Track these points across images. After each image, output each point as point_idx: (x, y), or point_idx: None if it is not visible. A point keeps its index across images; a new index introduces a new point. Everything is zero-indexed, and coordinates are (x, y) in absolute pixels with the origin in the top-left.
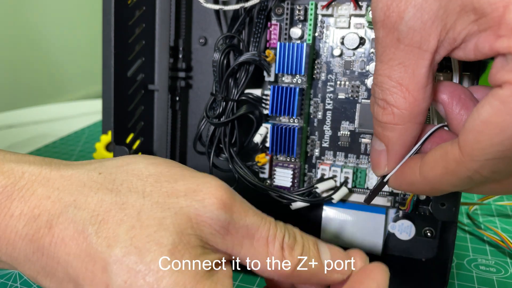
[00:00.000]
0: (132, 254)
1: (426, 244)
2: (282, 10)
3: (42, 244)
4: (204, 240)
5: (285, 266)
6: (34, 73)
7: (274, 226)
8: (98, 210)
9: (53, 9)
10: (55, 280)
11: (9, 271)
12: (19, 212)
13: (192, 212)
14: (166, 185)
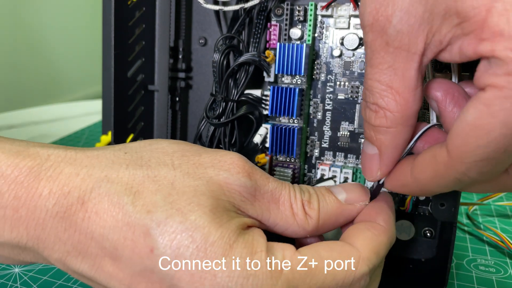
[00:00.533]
0: (175, 215)
1: (425, 244)
2: (282, 10)
3: (75, 220)
4: (236, 206)
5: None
6: (34, 73)
7: (293, 188)
8: (131, 183)
9: (53, 9)
10: (87, 258)
11: (9, 271)
12: (48, 191)
13: (222, 180)
14: (192, 158)
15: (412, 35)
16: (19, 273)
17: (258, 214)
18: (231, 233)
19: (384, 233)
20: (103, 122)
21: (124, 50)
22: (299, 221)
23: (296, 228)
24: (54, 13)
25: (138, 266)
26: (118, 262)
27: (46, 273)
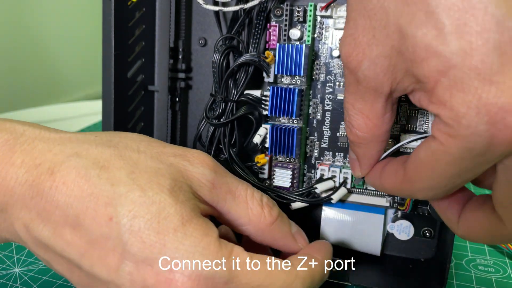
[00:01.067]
0: (136, 190)
1: (425, 244)
2: (281, 11)
3: (42, 188)
4: (194, 190)
5: (264, 216)
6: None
7: (251, 188)
8: (99, 158)
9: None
10: (49, 225)
11: (10, 271)
12: (20, 161)
13: (181, 167)
14: (157, 148)
15: (378, 81)
16: (19, 273)
17: (214, 201)
18: (185, 212)
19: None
20: (103, 123)
21: (124, 50)
22: (253, 214)
23: (248, 220)
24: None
25: (95, 234)
26: (78, 230)
27: (46, 273)
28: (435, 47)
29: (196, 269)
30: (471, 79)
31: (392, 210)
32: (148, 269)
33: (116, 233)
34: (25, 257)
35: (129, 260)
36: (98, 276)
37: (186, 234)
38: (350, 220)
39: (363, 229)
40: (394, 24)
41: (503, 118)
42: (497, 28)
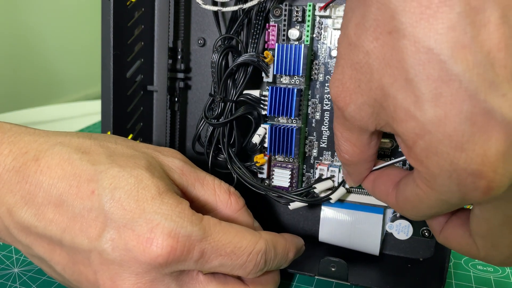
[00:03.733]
0: (115, 167)
1: (423, 243)
2: (280, 11)
3: (28, 173)
4: (166, 172)
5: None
6: (33, 74)
7: (218, 180)
8: (80, 146)
9: (52, 10)
10: (32, 207)
11: (9, 271)
12: (8, 151)
13: (154, 155)
14: (132, 144)
15: (363, 123)
16: (18, 273)
17: (184, 186)
18: (161, 185)
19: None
20: (102, 123)
21: (123, 50)
22: (220, 201)
23: (215, 205)
24: (53, 13)
25: (78, 208)
26: (60, 207)
27: (45, 273)
28: (413, 112)
29: (175, 228)
30: (444, 145)
31: (391, 209)
32: (129, 232)
33: (98, 204)
34: (24, 257)
35: (110, 227)
36: (80, 247)
37: (163, 201)
38: (349, 220)
39: (362, 229)
40: (378, 81)
41: (473, 182)
42: (470, 100)
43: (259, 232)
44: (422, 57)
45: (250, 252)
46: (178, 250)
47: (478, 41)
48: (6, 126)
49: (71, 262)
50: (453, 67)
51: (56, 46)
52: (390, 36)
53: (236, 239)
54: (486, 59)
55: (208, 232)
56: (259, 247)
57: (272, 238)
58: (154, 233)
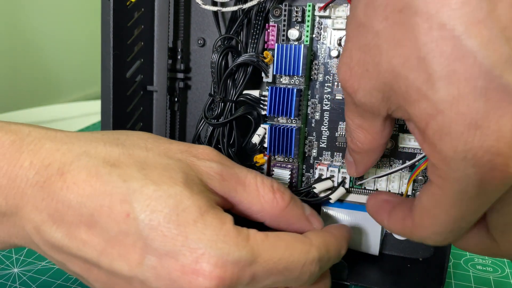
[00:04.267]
0: (149, 184)
1: (423, 243)
2: (280, 11)
3: (53, 189)
4: (204, 183)
5: (276, 202)
6: (33, 74)
7: (260, 176)
8: (108, 157)
9: (52, 10)
10: (62, 226)
11: (9, 271)
12: (28, 163)
13: (189, 162)
14: (163, 145)
15: (374, 108)
16: (18, 273)
17: (225, 192)
18: (201, 203)
19: (333, 236)
20: (102, 123)
21: (122, 50)
22: (266, 201)
23: (260, 207)
24: (53, 13)
25: (113, 231)
26: (93, 228)
27: (45, 273)
28: (425, 91)
29: (222, 257)
30: (458, 124)
31: None
32: (172, 262)
33: (134, 229)
34: (24, 257)
35: (151, 255)
36: (119, 273)
37: (205, 224)
38: (348, 220)
39: (362, 229)
40: (387, 63)
41: (489, 160)
42: (485, 76)
43: (309, 238)
44: (435, 34)
45: (303, 264)
46: (227, 279)
47: (494, 16)
48: (25, 130)
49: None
50: (468, 43)
51: (56, 46)
52: (401, 14)
53: (287, 253)
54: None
55: (257, 253)
56: (312, 256)
57: (323, 241)
58: (200, 264)
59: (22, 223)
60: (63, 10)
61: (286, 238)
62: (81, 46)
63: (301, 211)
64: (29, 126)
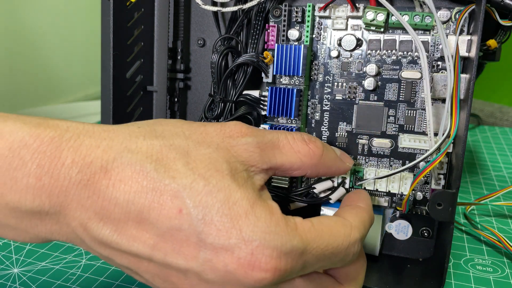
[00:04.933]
0: (199, 180)
1: (423, 244)
2: (280, 11)
3: (98, 187)
4: (247, 164)
5: (313, 152)
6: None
7: (289, 133)
8: (150, 152)
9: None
10: (110, 223)
11: (8, 271)
12: (70, 161)
13: (227, 145)
14: (199, 128)
15: None
16: (18, 273)
17: (266, 162)
18: (249, 194)
19: (365, 211)
20: (102, 123)
21: (122, 51)
22: (303, 155)
23: (301, 163)
24: (53, 13)
25: (165, 226)
26: (143, 224)
27: (45, 273)
28: None
29: (276, 248)
30: None
31: (391, 210)
32: (228, 255)
33: (188, 224)
34: (24, 258)
35: (206, 248)
36: (173, 266)
37: (257, 216)
38: None
39: None
40: None
41: None
42: None
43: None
44: None
45: (347, 247)
46: (282, 269)
47: None
48: (63, 125)
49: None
50: None
51: (56, 46)
52: None
53: (332, 239)
54: None
55: (306, 242)
56: (354, 238)
57: (360, 220)
58: (255, 256)
59: (67, 221)
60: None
61: (329, 224)
62: (81, 46)
63: (334, 154)
64: (66, 121)
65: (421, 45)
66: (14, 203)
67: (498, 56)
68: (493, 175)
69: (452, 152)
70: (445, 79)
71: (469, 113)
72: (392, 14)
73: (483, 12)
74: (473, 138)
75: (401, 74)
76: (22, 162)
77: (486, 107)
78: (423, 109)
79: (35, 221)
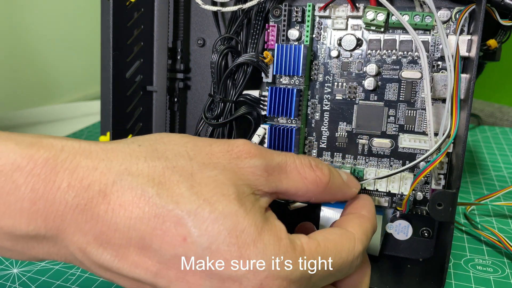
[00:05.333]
0: (204, 205)
1: (423, 244)
2: (280, 11)
3: (97, 212)
4: (253, 187)
5: (319, 179)
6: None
7: (297, 157)
8: (152, 174)
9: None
10: (110, 248)
11: (8, 271)
12: (66, 184)
13: (234, 167)
14: (204, 148)
15: None
16: (17, 273)
17: (272, 187)
18: (257, 220)
19: (368, 221)
20: (102, 123)
21: (122, 51)
22: (309, 182)
23: (306, 189)
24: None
25: (169, 254)
26: (146, 250)
27: (45, 273)
28: None
29: (286, 277)
30: None
31: (391, 210)
32: (236, 286)
33: (193, 253)
34: None
35: (213, 278)
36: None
37: (265, 243)
38: None
39: None
40: None
41: None
42: None
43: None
44: None
45: (351, 261)
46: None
47: None
48: (58, 145)
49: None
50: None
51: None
52: None
53: (337, 256)
54: None
55: (312, 263)
56: (358, 251)
57: (363, 230)
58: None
59: (65, 244)
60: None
61: (334, 239)
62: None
63: (341, 180)
64: (61, 139)
65: (421, 45)
66: (9, 228)
67: (498, 56)
68: (493, 175)
69: (452, 152)
70: (445, 79)
71: (469, 113)
72: (392, 14)
73: (484, 12)
74: (473, 138)
75: (401, 74)
76: (15, 186)
77: (486, 107)
78: (423, 109)
79: (32, 243)
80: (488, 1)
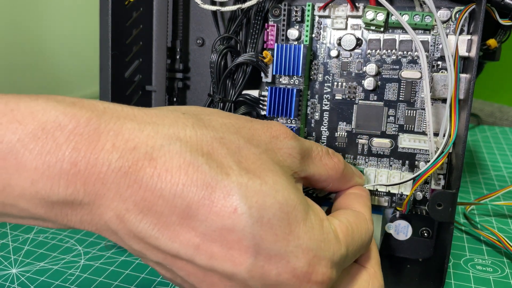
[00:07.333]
0: (255, 178)
1: (423, 244)
2: (279, 11)
3: (141, 176)
4: (291, 169)
5: (337, 166)
6: (32, 74)
7: (317, 144)
8: (201, 143)
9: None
10: (150, 216)
11: (7, 271)
12: (110, 145)
13: (274, 147)
14: (246, 123)
15: None
16: (16, 273)
17: (303, 170)
18: (303, 200)
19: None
20: None
21: (121, 50)
22: (330, 168)
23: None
24: (52, 13)
25: (215, 225)
26: (190, 220)
27: (44, 274)
28: None
29: (330, 259)
30: None
31: (390, 210)
32: (283, 264)
33: (242, 226)
34: (22, 258)
35: (260, 254)
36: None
37: (312, 223)
38: None
39: None
40: None
41: None
42: None
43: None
44: None
45: (369, 239)
46: (333, 279)
47: None
48: (99, 106)
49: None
50: None
51: (54, 45)
52: None
53: (361, 237)
54: None
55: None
56: (371, 230)
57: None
58: (313, 267)
59: (101, 211)
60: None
61: (355, 222)
62: (79, 46)
63: (352, 169)
64: (102, 102)
65: (421, 45)
66: (46, 191)
67: (498, 56)
68: (493, 175)
69: (452, 152)
70: (445, 79)
71: (469, 113)
72: (392, 14)
73: (483, 11)
74: (473, 138)
75: (401, 74)
76: (56, 145)
77: (486, 107)
78: (423, 109)
79: (66, 210)
80: (488, 1)
